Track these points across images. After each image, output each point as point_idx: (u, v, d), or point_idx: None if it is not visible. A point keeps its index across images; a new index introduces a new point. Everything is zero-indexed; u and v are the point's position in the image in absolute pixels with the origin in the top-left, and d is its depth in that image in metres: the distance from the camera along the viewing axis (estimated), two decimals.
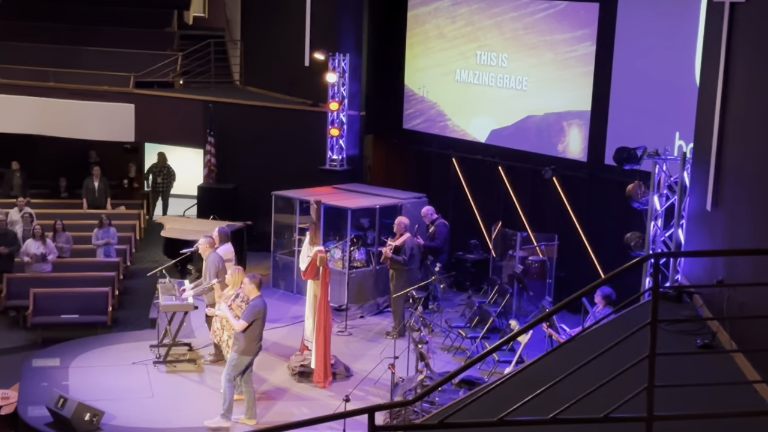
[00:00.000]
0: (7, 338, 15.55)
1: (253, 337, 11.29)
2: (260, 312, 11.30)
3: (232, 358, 11.34)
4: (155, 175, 22.42)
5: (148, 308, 16.11)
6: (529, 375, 5.26)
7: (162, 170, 22.41)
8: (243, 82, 22.86)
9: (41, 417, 11.38)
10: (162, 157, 22.48)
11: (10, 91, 21.24)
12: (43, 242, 16.61)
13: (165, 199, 22.53)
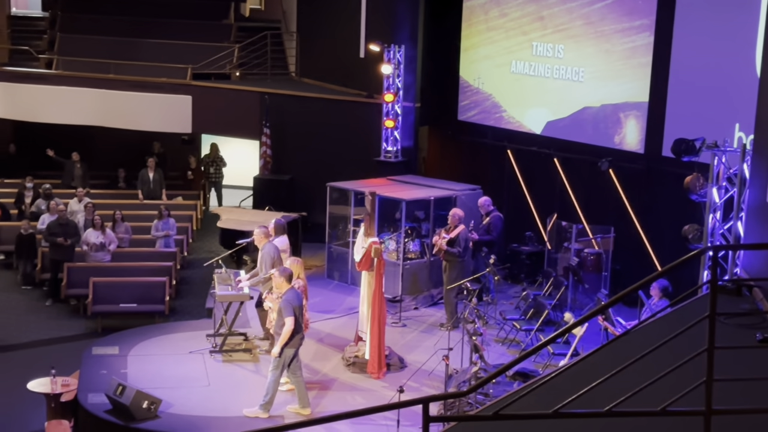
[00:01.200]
0: (68, 326, 15.85)
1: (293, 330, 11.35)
2: (294, 306, 11.32)
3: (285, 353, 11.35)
4: (207, 166, 22.66)
5: (204, 298, 16.29)
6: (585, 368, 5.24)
7: (214, 161, 22.63)
8: (299, 74, 22.96)
9: (100, 404, 11.54)
10: (214, 148, 22.71)
11: (72, 83, 21.58)
12: (103, 232, 16.87)
13: (218, 190, 22.75)
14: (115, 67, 21.72)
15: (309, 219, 18.16)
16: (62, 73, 21.95)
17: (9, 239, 18.26)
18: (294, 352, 11.40)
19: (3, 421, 12.59)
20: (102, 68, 21.71)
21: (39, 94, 21.83)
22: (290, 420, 11.37)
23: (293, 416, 11.47)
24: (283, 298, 11.26)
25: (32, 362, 13.91)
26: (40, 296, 17.01)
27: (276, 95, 20.57)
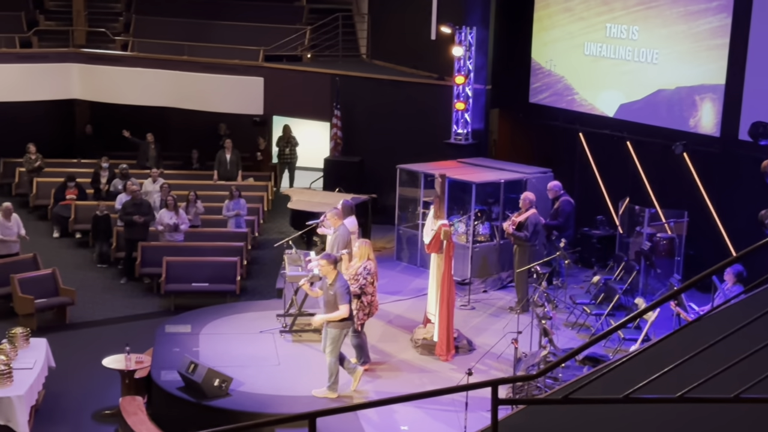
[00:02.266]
0: (142, 305, 16.13)
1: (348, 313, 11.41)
2: (348, 289, 11.39)
3: (333, 333, 11.39)
4: (282, 148, 22.84)
5: (274, 278, 16.45)
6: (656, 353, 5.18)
7: (288, 142, 22.81)
8: (369, 56, 22.98)
9: (173, 381, 11.73)
10: (287, 130, 22.89)
11: (146, 64, 21.91)
12: (176, 212, 17.11)
13: (291, 171, 22.93)
14: (188, 49, 21.98)
15: (378, 201, 18.21)
16: (137, 55, 22.28)
17: (85, 218, 18.63)
18: (343, 334, 11.43)
19: (79, 396, 12.88)
20: (176, 50, 21.99)
21: (115, 75, 22.20)
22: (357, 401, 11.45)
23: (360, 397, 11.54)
24: (339, 285, 11.30)
25: (107, 339, 14.18)
26: (115, 275, 17.34)
27: (347, 77, 20.63)
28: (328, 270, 11.36)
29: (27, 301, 14.91)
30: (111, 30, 23.29)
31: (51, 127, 23.53)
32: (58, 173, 20.81)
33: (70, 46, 22.57)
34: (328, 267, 11.35)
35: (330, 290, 11.32)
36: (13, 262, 15.96)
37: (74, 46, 22.58)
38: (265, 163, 22.94)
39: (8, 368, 11.72)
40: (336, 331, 11.35)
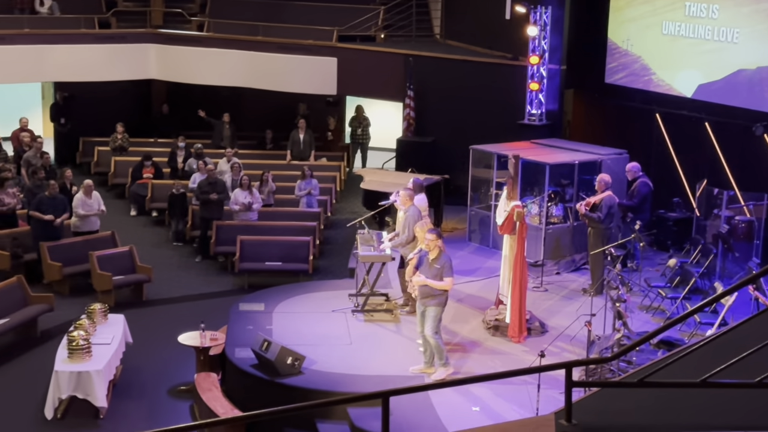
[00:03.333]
0: (216, 283, 16.35)
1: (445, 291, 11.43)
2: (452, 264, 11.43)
3: (432, 311, 11.40)
4: (354, 128, 22.89)
5: (347, 258, 16.53)
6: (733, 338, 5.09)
7: (361, 123, 22.85)
8: (443, 36, 22.87)
9: (247, 359, 11.86)
10: (360, 110, 22.92)
11: (222, 45, 22.10)
12: (250, 192, 17.29)
13: (364, 151, 22.98)
14: (263, 29, 22.11)
15: (451, 181, 18.15)
16: (213, 36, 22.48)
17: (162, 197, 18.91)
18: (441, 312, 11.45)
19: (155, 372, 13.12)
20: (251, 30, 22.14)
21: (191, 56, 22.44)
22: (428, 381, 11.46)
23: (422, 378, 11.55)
24: (444, 259, 11.34)
25: (183, 316, 14.42)
26: (191, 253, 17.58)
27: (420, 57, 20.56)
28: (434, 245, 11.37)
29: (105, 277, 15.21)
30: (187, 10, 23.52)
31: (128, 107, 23.89)
32: (135, 152, 21.16)
33: (148, 26, 22.86)
34: (435, 242, 11.36)
35: (435, 264, 11.34)
36: (92, 239, 16.30)
37: (151, 27, 22.87)
38: (335, 143, 23.01)
39: (87, 343, 11.99)
40: (438, 309, 11.38)
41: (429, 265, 11.39)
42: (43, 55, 21.37)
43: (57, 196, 16.14)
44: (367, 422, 10.50)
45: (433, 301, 11.40)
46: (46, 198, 16.02)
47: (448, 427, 10.26)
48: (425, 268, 11.43)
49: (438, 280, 11.32)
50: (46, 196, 16.03)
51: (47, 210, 15.92)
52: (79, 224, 16.43)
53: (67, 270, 15.62)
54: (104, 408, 11.80)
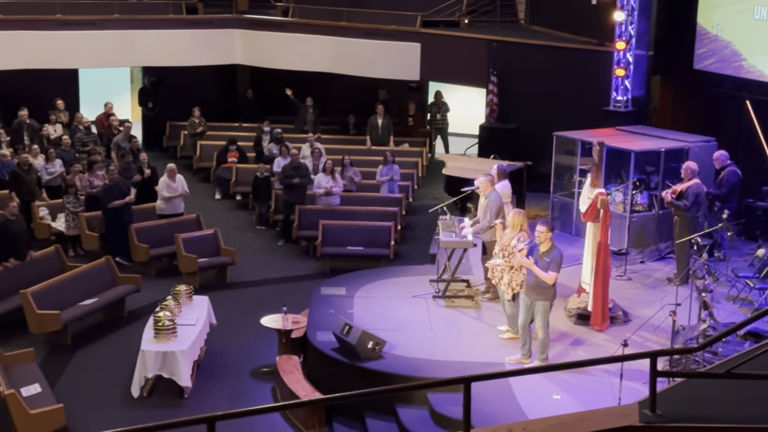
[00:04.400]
0: (299, 266, 16.50)
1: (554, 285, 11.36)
2: (562, 259, 11.37)
3: (540, 306, 11.35)
4: (433, 113, 22.85)
5: (428, 244, 16.53)
6: None
7: (439, 108, 22.80)
8: (528, 21, 22.67)
9: (328, 342, 11.95)
10: (438, 95, 22.87)
11: (306, 30, 22.24)
12: (332, 176, 17.39)
13: (444, 137, 22.93)
14: (347, 14, 22.18)
15: (534, 168, 18.02)
16: (297, 21, 22.63)
17: (246, 181, 19.14)
18: (550, 306, 11.38)
19: (238, 353, 13.30)
20: (335, 16, 22.24)
21: (275, 41, 22.63)
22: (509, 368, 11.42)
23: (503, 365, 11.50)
24: (555, 254, 11.25)
25: (265, 299, 14.59)
26: (273, 236, 17.77)
27: (504, 43, 20.42)
28: (545, 237, 11.32)
29: (190, 260, 15.47)
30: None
31: (214, 92, 24.24)
32: (220, 137, 21.44)
33: (233, 12, 23.11)
34: (547, 234, 11.31)
35: (546, 257, 11.28)
36: (177, 222, 16.58)
37: (237, 12, 23.12)
38: (415, 129, 22.98)
39: (173, 324, 12.22)
40: (546, 304, 11.32)
41: (539, 257, 11.34)
42: (132, 41, 21.76)
43: (117, 182, 16.33)
44: (447, 408, 10.52)
45: (541, 296, 11.34)
46: (108, 187, 16.25)
47: (528, 414, 10.22)
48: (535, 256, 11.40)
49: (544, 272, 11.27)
50: (108, 185, 16.27)
51: (116, 197, 16.14)
52: (163, 207, 16.73)
53: (154, 252, 15.93)
54: (188, 388, 12.01)
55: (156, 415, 11.38)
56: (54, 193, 17.36)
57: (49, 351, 13.20)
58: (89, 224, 16.30)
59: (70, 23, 21.16)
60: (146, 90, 23.14)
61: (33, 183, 16.97)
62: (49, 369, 12.48)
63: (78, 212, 16.40)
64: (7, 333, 13.40)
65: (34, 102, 20.36)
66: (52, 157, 17.71)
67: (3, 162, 17.49)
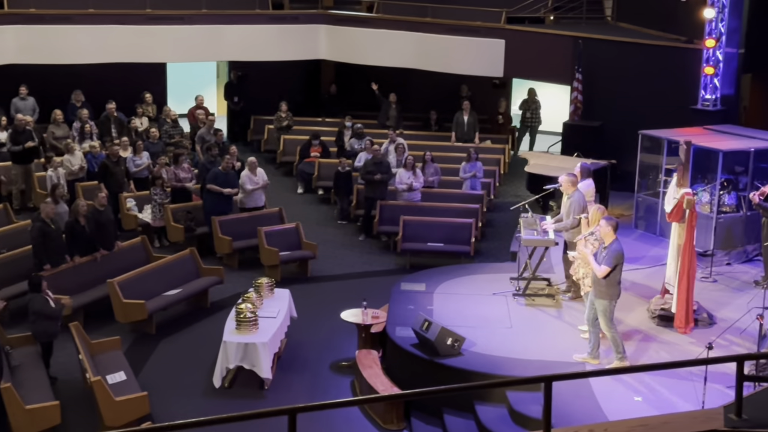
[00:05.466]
0: (379, 261, 16.56)
1: (614, 282, 11.12)
2: (620, 257, 11.11)
3: (601, 305, 11.20)
4: (525, 111, 22.71)
5: (509, 241, 16.45)
6: None
7: (531, 105, 22.65)
8: (615, 18, 22.38)
9: (407, 338, 11.98)
10: (532, 93, 22.73)
11: (390, 26, 22.27)
12: (414, 172, 17.40)
13: (533, 135, 22.80)
14: (432, 10, 22.16)
15: (618, 167, 17.79)
16: (382, 17, 22.68)
17: (328, 176, 19.27)
18: (614, 304, 11.24)
19: (318, 346, 13.41)
20: (420, 12, 22.24)
21: (360, 36, 22.71)
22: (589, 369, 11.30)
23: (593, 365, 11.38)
24: (611, 248, 11.10)
25: (345, 293, 14.68)
26: (354, 231, 17.86)
27: (590, 40, 20.18)
28: (606, 232, 11.21)
29: (272, 253, 15.63)
30: None
31: (297, 87, 24.45)
32: (303, 131, 21.62)
33: (319, 7, 23.25)
34: (608, 229, 11.20)
35: (603, 252, 11.20)
36: (260, 215, 16.77)
37: (322, 8, 23.25)
38: (505, 126, 22.85)
39: (254, 316, 12.36)
40: (604, 302, 11.17)
41: (601, 251, 11.23)
42: (219, 35, 22.04)
43: (229, 172, 16.65)
44: (526, 406, 10.47)
45: (599, 293, 11.22)
46: (221, 173, 16.56)
47: (608, 415, 10.10)
48: (599, 252, 11.28)
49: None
50: (220, 171, 16.57)
51: (221, 185, 16.46)
52: (245, 200, 16.92)
53: (237, 244, 16.13)
54: (269, 379, 12.14)
55: (237, 406, 11.55)
56: (141, 185, 17.71)
57: (134, 340, 13.48)
58: (175, 216, 16.58)
59: (159, 18, 21.52)
60: (232, 84, 23.43)
61: (121, 175, 17.32)
62: (134, 357, 12.74)
63: (164, 204, 16.70)
64: (94, 321, 13.70)
65: (122, 95, 20.78)
66: (140, 149, 18.05)
67: (93, 154, 17.90)
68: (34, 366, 11.82)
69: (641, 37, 20.11)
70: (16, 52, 20.45)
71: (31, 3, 20.74)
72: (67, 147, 17.82)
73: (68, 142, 18.04)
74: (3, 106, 20.16)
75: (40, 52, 20.62)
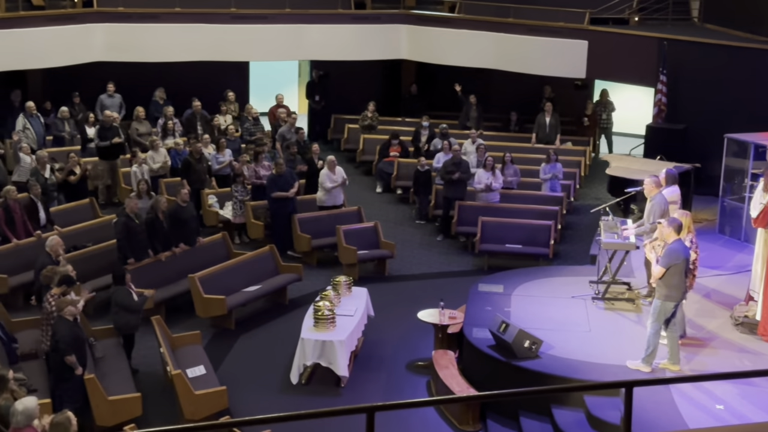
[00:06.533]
0: (456, 262, 16.53)
1: (671, 284, 10.88)
2: (677, 257, 10.87)
3: (655, 304, 11.06)
4: (599, 112, 22.46)
5: (588, 244, 16.29)
6: None
7: (605, 107, 22.38)
8: (701, 19, 21.98)
9: (484, 339, 11.91)
10: (605, 94, 22.46)
11: (472, 26, 22.20)
12: (493, 173, 17.33)
13: (608, 136, 22.53)
14: (514, 11, 22.03)
15: (702, 171, 17.47)
16: (464, 17, 22.62)
17: (406, 175, 19.30)
18: (673, 306, 11.05)
19: (394, 346, 13.44)
20: (501, 12, 22.12)
21: (441, 37, 22.68)
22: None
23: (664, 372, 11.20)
24: (668, 248, 10.94)
25: (422, 293, 14.67)
26: (432, 231, 17.86)
27: (675, 41, 19.84)
28: (668, 233, 11.05)
29: (350, 251, 15.71)
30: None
31: (378, 87, 24.52)
32: (383, 131, 21.69)
33: (401, 7, 23.29)
34: (669, 230, 11.03)
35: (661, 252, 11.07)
36: (339, 213, 16.86)
37: (404, 8, 23.28)
38: (591, 128, 22.55)
39: (332, 314, 12.44)
40: (658, 302, 11.04)
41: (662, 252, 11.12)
42: (301, 35, 22.21)
43: (283, 173, 16.64)
44: (604, 411, 10.34)
45: (656, 291, 11.09)
46: (276, 176, 16.59)
47: (689, 423, 9.92)
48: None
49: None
50: (275, 175, 16.61)
51: (281, 187, 16.48)
52: (324, 199, 17.01)
53: (316, 242, 16.24)
54: (345, 377, 12.21)
55: (313, 403, 11.64)
56: (222, 181, 17.93)
57: (213, 334, 13.67)
58: (255, 213, 16.76)
59: (243, 17, 21.77)
60: (313, 83, 23.60)
61: (203, 171, 17.57)
62: (214, 352, 12.92)
63: (244, 201, 16.88)
64: (175, 315, 13.93)
65: (205, 93, 21.07)
66: (223, 146, 18.27)
67: (177, 150, 18.18)
68: (116, 358, 12.07)
69: (728, 39, 19.71)
70: (104, 49, 20.90)
71: (119, 2, 21.17)
72: (152, 143, 18.13)
73: (153, 139, 18.36)
74: (91, 102, 20.63)
75: (128, 50, 21.04)
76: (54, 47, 20.06)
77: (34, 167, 16.43)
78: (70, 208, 16.54)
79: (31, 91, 21.17)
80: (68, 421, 8.59)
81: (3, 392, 9.62)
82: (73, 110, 20.26)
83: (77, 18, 20.61)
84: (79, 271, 12.69)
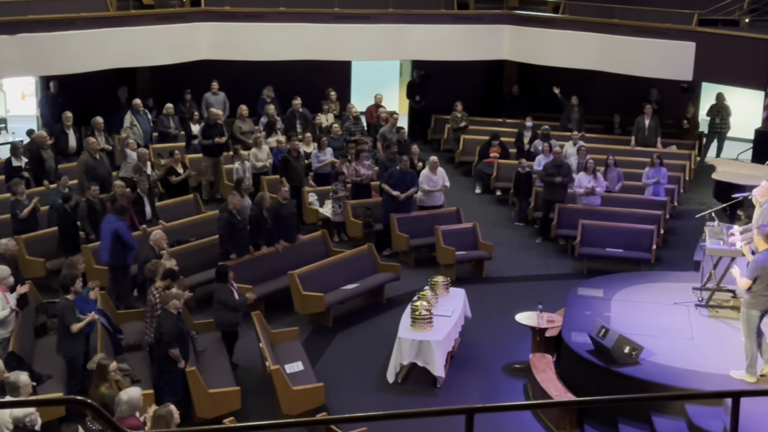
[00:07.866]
0: (555, 265, 16.37)
1: (757, 293, 10.61)
2: (761, 269, 10.54)
3: (742, 312, 10.80)
4: (713, 116, 21.96)
5: (692, 250, 15.95)
6: None
7: (720, 111, 21.87)
8: None
9: (582, 343, 11.76)
10: (720, 98, 21.95)
11: (576, 27, 21.94)
12: (594, 176, 17.10)
13: (721, 141, 22.04)
14: (619, 11, 21.70)
15: None
16: (568, 18, 22.36)
17: (506, 177, 19.18)
18: (759, 314, 10.74)
19: (491, 348, 13.37)
20: (606, 13, 21.81)
21: (544, 37, 22.46)
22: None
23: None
24: (755, 258, 10.64)
25: (520, 296, 14.55)
26: (531, 233, 17.71)
27: None
28: (758, 240, 10.79)
29: (448, 252, 15.68)
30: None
31: (479, 87, 24.42)
32: (483, 131, 21.59)
33: (504, 8, 23.14)
34: (759, 238, 10.77)
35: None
36: (437, 214, 16.85)
37: (507, 8, 23.14)
38: (690, 132, 22.12)
39: (429, 314, 12.44)
40: (744, 310, 10.77)
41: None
42: (404, 34, 22.25)
43: (407, 171, 16.78)
44: (707, 421, 10.11)
45: (744, 300, 10.84)
46: (398, 172, 16.71)
47: None
48: None
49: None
50: (397, 171, 16.73)
51: (397, 184, 16.59)
52: (424, 199, 17.02)
53: (414, 242, 16.26)
54: (441, 378, 12.19)
55: (409, 402, 11.65)
56: (322, 180, 18.08)
57: (312, 331, 13.80)
58: (354, 212, 16.87)
59: (346, 17, 21.91)
60: (414, 83, 23.64)
61: (301, 169, 17.73)
62: (311, 348, 13.04)
63: (344, 199, 17.00)
64: (275, 311, 14.10)
65: (307, 92, 21.28)
66: (324, 145, 18.42)
67: (279, 148, 18.41)
68: (217, 352, 12.28)
69: None
70: (209, 48, 21.28)
71: (226, 1, 21.52)
72: (256, 141, 18.38)
73: (257, 137, 18.61)
74: (196, 100, 21.03)
75: (232, 48, 21.38)
76: (162, 45, 20.51)
77: (136, 164, 16.81)
78: (174, 203, 16.89)
79: (139, 88, 21.68)
80: (170, 414, 8.79)
81: (104, 381, 9.89)
82: (184, 107, 20.68)
83: (185, 17, 21.04)
84: (181, 265, 12.95)
